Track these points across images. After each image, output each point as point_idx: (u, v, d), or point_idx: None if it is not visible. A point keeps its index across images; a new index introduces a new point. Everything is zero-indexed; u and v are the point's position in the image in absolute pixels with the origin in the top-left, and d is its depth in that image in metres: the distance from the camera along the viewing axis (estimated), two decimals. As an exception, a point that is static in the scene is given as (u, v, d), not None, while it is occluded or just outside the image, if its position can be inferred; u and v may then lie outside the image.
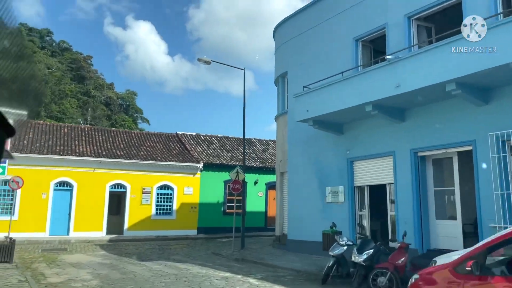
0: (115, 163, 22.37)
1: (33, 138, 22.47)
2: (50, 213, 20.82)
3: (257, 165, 26.15)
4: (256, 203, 25.87)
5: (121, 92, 73.29)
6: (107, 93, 70.70)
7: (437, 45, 9.93)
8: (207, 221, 24.44)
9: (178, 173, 24.03)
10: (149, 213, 23.08)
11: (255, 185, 26.02)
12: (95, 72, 73.16)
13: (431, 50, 10.03)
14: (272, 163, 27.20)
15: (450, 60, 9.36)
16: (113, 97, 70.42)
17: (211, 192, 24.81)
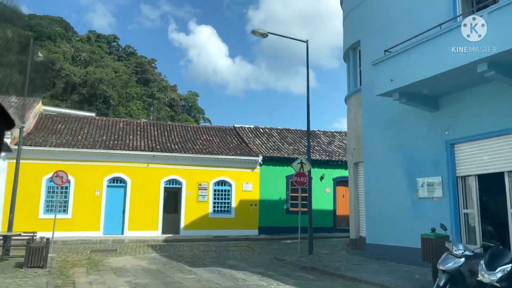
0: (169, 157, 20.45)
1: (87, 133, 21.22)
2: (104, 211, 19.32)
3: (323, 158, 23.07)
4: (323, 201, 22.80)
5: (184, 94, 73.38)
6: (170, 94, 70.86)
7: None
8: (268, 220, 21.81)
9: (236, 168, 21.65)
10: (206, 211, 20.92)
11: (321, 181, 22.97)
12: (159, 75, 73.86)
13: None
14: (340, 156, 23.97)
15: None
16: (176, 98, 70.49)
17: (272, 188, 22.15)
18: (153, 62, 74.41)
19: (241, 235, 20.64)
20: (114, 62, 66.44)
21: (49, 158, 18.61)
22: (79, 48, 64.17)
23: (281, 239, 20.34)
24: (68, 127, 21.53)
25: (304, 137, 26.50)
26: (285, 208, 22.22)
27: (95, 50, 65.24)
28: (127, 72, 67.22)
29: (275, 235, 21.06)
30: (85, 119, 23.42)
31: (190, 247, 17.06)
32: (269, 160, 22.17)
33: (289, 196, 22.36)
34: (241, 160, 21.54)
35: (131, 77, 67.58)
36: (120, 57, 72.89)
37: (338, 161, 23.28)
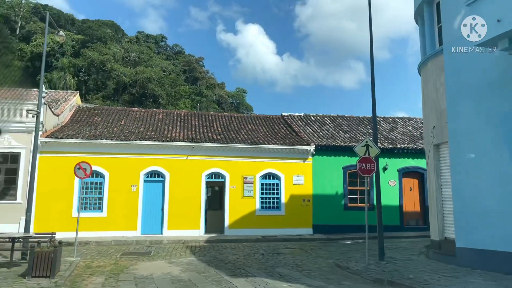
0: (210, 148, 18.15)
1: (124, 125, 19.45)
2: (141, 208, 17.38)
3: (386, 146, 19.75)
4: (387, 195, 19.49)
5: (232, 91, 71.95)
6: (218, 92, 69.53)
7: None
8: (324, 217, 18.90)
9: (285, 159, 18.95)
10: (252, 207, 18.41)
11: (385, 172, 19.67)
12: (206, 73, 72.95)
13: None
14: (405, 143, 20.51)
15: None
16: (224, 95, 69.08)
17: (326, 181, 19.20)
18: (200, 60, 73.57)
19: (293, 234, 17.93)
20: (162, 61, 66.15)
21: (82, 151, 16.94)
22: (128, 48, 64.37)
23: (339, 239, 17.38)
24: (105, 119, 19.90)
25: (362, 124, 23.27)
26: (343, 204, 19.19)
27: (144, 50, 65.22)
28: (175, 71, 66.69)
29: (332, 234, 18.12)
30: (123, 111, 21.76)
31: (235, 249, 14.61)
32: (323, 149, 19.24)
33: (346, 190, 19.30)
34: (291, 150, 18.80)
35: (179, 75, 67.00)
36: (168, 57, 72.72)
37: (404, 149, 19.86)
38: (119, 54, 62.99)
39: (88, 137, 16.94)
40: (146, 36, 72.28)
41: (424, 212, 19.46)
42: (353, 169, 19.09)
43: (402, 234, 18.19)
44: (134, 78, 59.07)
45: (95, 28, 66.38)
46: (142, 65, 62.28)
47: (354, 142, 19.46)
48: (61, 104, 19.22)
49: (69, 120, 19.15)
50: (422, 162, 18.43)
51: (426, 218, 18.37)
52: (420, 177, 20.04)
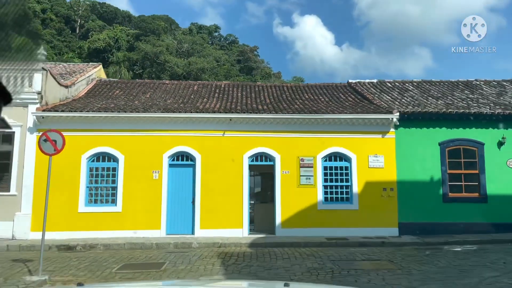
0: (254, 121, 13.39)
1: (148, 98, 15.28)
2: (166, 201, 13.06)
3: (501, 112, 13.66)
4: (504, 180, 13.48)
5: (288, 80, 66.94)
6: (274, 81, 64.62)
7: None
8: (414, 213, 13.35)
9: (357, 133, 13.65)
10: (313, 199, 13.34)
11: (500, 148, 13.64)
12: (261, 62, 68.59)
13: None
14: (531, 106, 14.24)
15: None
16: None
17: (416, 162, 13.59)
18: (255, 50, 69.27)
19: (371, 236, 12.66)
20: (216, 51, 62.76)
21: (90, 128, 12.98)
22: (182, 40, 61.79)
23: (442, 244, 11.79)
24: (128, 92, 15.89)
25: (456, 88, 17.17)
26: (441, 194, 13.46)
27: (197, 40, 62.23)
28: (229, 60, 62.98)
29: (428, 236, 12.56)
30: (151, 83, 17.66)
31: (288, 259, 9.71)
32: (410, 119, 13.65)
33: (446, 175, 13.53)
34: (366, 120, 13.45)
35: (234, 65, 63.23)
36: (222, 47, 69.29)
37: (529, 115, 13.65)
38: (172, 46, 60.43)
39: (97, 110, 12.90)
40: (199, 27, 69.39)
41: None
42: (455, 145, 13.36)
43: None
44: (187, 70, 56.11)
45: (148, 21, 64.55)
46: (195, 56, 59.17)
47: (453, 109, 13.65)
48: (74, 75, 15.47)
49: (84, 94, 15.35)
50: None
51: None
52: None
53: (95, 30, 62.38)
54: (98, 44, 56.36)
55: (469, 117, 13.42)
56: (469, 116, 13.40)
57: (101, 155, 13.06)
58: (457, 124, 13.63)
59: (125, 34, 61.75)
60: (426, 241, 12.04)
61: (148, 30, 62.99)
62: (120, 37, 60.20)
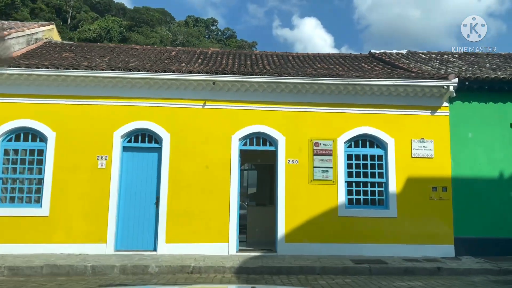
0: (249, 87, 9.26)
1: (105, 61, 11.11)
2: (117, 201, 8.90)
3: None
4: None
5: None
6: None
7: None
8: (476, 223, 9.20)
9: (395, 109, 9.52)
10: (332, 201, 9.17)
11: None
12: (261, 59, 64.22)
13: None
14: None
15: None
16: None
17: (479, 150, 9.44)
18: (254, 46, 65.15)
19: (416, 257, 8.53)
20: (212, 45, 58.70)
21: (9, 93, 8.87)
22: (177, 31, 57.76)
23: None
24: (81, 55, 11.73)
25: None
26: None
27: (193, 32, 58.20)
28: (228, 55, 58.82)
29: (497, 259, 8.44)
30: (117, 48, 13.53)
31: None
32: (471, 90, 9.51)
33: (523, 170, 9.38)
34: (408, 89, 9.33)
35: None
36: (219, 41, 65.20)
37: None
38: (167, 38, 56.28)
39: (14, 66, 8.77)
40: (196, 20, 65.36)
41: None
42: (538, 126, 9.21)
43: None
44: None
45: (142, 12, 60.55)
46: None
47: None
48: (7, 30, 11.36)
49: (20, 54, 11.21)
50: None
51: None
52: None
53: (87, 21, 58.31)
54: (89, 35, 52.10)
55: (558, 87, 9.29)
56: (558, 85, 9.27)
57: (22, 132, 8.93)
58: (538, 98, 9.51)
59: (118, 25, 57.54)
60: (501, 267, 7.87)
61: (142, 21, 58.90)
62: (112, 28, 55.95)
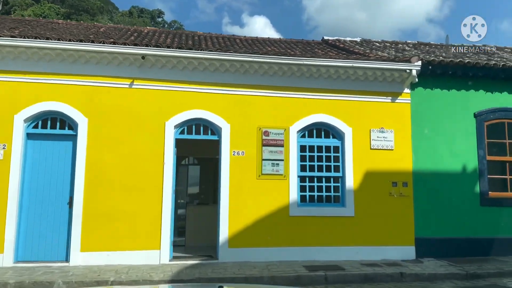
0: (187, 64, 7.84)
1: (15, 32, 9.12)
2: (18, 199, 7.11)
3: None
4: None
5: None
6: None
7: None
8: (438, 222, 8.46)
9: (352, 94, 8.53)
10: (283, 198, 7.99)
11: (560, 125, 9.13)
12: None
13: None
14: None
15: None
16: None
17: (441, 142, 8.71)
18: (204, 39, 63.06)
19: (376, 261, 7.61)
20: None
21: None
22: (119, 21, 54.39)
23: (494, 275, 6.92)
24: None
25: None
26: (479, 193, 8.65)
27: (137, 23, 55.16)
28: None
29: (460, 261, 7.73)
30: (35, 21, 11.47)
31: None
32: (434, 75, 8.74)
33: (484, 164, 8.76)
34: (368, 73, 8.37)
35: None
36: (167, 34, 62.46)
37: None
38: (109, 28, 52.57)
39: None
40: (141, 10, 62.22)
41: None
42: (497, 118, 8.70)
43: None
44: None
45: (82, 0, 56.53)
46: (134, 40, 51.95)
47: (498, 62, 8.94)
48: None
49: None
50: None
51: None
52: None
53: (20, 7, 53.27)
54: (19, 21, 47.30)
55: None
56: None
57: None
58: (499, 86, 8.97)
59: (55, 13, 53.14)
60: (468, 270, 7.09)
61: (82, 9, 54.85)
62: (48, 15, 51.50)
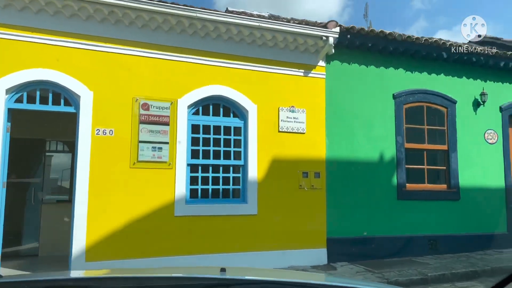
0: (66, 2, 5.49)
1: None
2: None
3: (486, 51, 8.59)
4: (482, 164, 8.42)
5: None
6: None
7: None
8: (352, 220, 7.32)
9: (258, 64, 6.94)
10: (167, 194, 6.14)
11: (477, 111, 8.57)
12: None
13: None
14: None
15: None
16: None
17: (358, 125, 7.57)
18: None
19: (283, 267, 6.10)
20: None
21: None
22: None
23: (417, 283, 5.91)
24: None
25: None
26: (396, 185, 7.69)
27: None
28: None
29: (378, 263, 6.65)
30: None
31: None
32: (352, 47, 7.52)
33: (402, 153, 7.82)
34: (278, 37, 6.82)
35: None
36: None
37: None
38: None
39: None
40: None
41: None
42: (417, 100, 7.86)
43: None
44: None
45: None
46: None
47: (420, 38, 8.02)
48: None
49: None
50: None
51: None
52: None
53: None
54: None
55: (440, 54, 8.00)
56: (441, 52, 7.97)
57: None
58: (420, 65, 8.11)
59: None
60: (388, 278, 5.99)
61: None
62: None
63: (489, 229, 8.17)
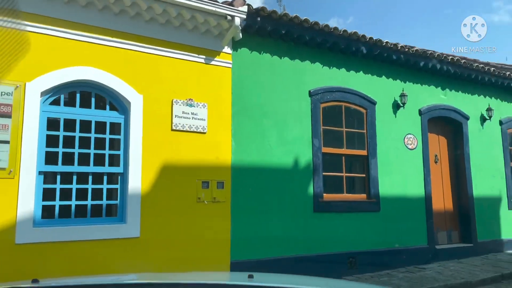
0: None
1: None
2: None
3: (408, 49, 8.04)
4: (402, 172, 7.79)
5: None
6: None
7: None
8: (262, 238, 6.13)
9: (144, 44, 5.50)
10: (6, 213, 4.41)
11: (397, 112, 7.96)
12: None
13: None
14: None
15: None
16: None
17: (270, 126, 6.45)
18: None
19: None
20: None
21: None
22: None
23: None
24: None
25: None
26: (312, 196, 6.68)
27: None
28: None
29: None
30: None
31: None
32: (263, 32, 6.42)
33: (319, 158, 6.86)
34: (168, 9, 5.45)
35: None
36: None
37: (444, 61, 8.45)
38: None
39: None
40: None
41: (460, 211, 8.58)
42: (334, 99, 6.99)
43: (439, 267, 6.76)
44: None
45: None
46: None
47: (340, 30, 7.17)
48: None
49: None
50: (463, 99, 7.85)
51: (464, 223, 7.89)
52: (455, 130, 9.01)
53: None
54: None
55: (359, 48, 7.23)
56: (360, 47, 7.21)
57: None
58: (338, 60, 7.28)
59: None
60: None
61: None
62: None
63: (410, 242, 7.54)
